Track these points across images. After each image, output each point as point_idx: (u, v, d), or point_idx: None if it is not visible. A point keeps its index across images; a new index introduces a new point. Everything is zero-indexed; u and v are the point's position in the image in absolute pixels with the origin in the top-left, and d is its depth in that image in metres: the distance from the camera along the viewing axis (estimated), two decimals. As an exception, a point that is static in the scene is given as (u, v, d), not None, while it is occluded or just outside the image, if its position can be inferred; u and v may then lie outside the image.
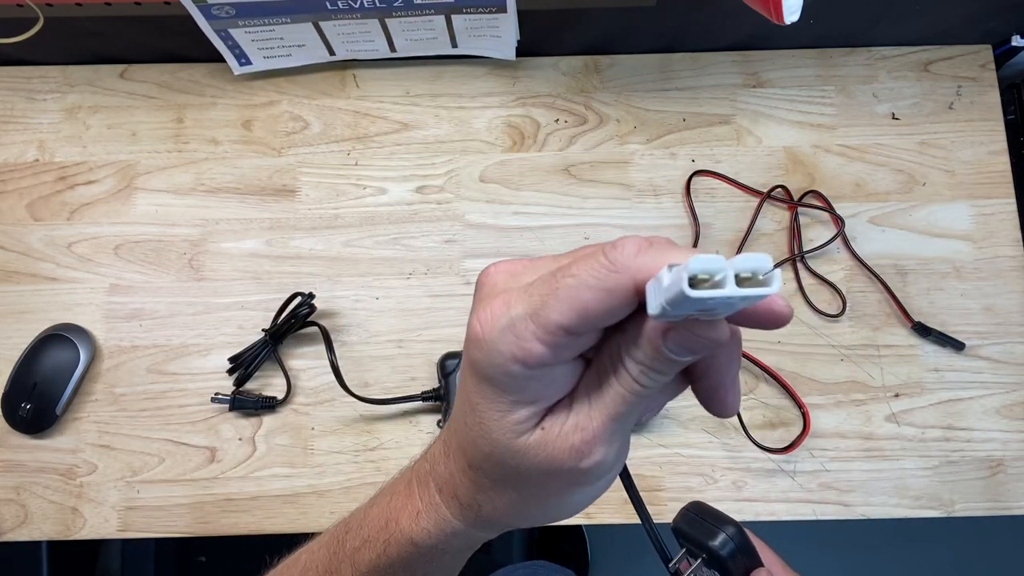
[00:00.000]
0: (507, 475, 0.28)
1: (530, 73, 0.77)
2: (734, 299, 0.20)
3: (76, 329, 0.70)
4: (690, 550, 0.39)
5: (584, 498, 0.29)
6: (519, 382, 0.25)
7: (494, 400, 0.26)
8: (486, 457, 0.28)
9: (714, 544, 0.38)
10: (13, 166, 0.75)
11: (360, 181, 0.74)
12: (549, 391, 0.26)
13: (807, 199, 0.73)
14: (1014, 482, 0.68)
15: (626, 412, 0.26)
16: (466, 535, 0.31)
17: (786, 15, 0.54)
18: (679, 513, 0.40)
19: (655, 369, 0.25)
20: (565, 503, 0.29)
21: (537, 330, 0.24)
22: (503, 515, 0.30)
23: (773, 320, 0.25)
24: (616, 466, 0.28)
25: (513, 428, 0.26)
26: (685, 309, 0.22)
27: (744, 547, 0.39)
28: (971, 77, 0.76)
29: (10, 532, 0.67)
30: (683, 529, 0.40)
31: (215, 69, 0.77)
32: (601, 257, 0.23)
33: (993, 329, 0.71)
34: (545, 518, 0.31)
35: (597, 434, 0.26)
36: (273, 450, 0.68)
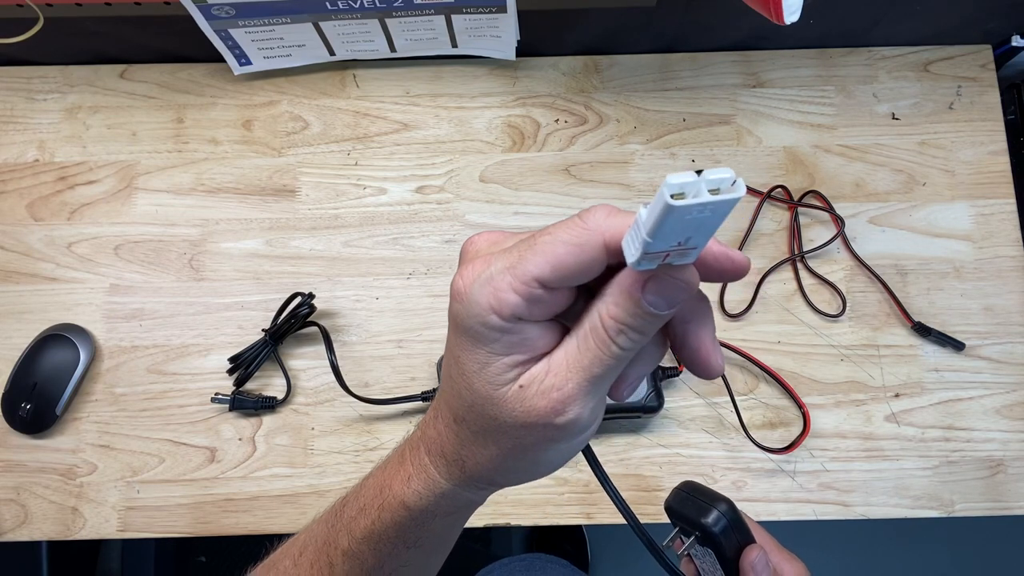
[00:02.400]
0: (488, 427, 0.29)
1: (530, 73, 0.77)
2: (708, 205, 0.22)
3: (76, 329, 0.70)
4: (683, 528, 0.39)
5: (560, 455, 0.31)
6: (495, 333, 0.27)
7: (474, 351, 0.28)
8: (469, 408, 0.29)
9: (707, 521, 0.38)
10: (13, 166, 0.75)
11: (360, 181, 0.74)
12: (525, 347, 0.27)
13: (807, 199, 0.73)
14: (1014, 482, 0.68)
15: (602, 373, 0.27)
16: (453, 496, 0.32)
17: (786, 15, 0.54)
18: (671, 493, 0.40)
19: (632, 326, 0.26)
20: (542, 458, 0.30)
21: (513, 281, 0.26)
22: (486, 469, 0.31)
23: (734, 268, 0.26)
24: (592, 425, 0.30)
25: (493, 379, 0.28)
26: (664, 240, 0.23)
27: (736, 523, 0.39)
28: (971, 77, 0.76)
29: (10, 532, 0.67)
30: (675, 508, 0.39)
31: (215, 69, 0.77)
32: (576, 219, 0.26)
33: (993, 329, 0.71)
34: (526, 474, 0.32)
35: (573, 393, 0.27)
36: (273, 450, 0.68)
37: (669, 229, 0.23)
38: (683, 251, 0.24)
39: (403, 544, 0.34)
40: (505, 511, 0.67)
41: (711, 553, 0.39)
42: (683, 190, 0.22)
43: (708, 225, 0.23)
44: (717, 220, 0.23)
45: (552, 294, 0.26)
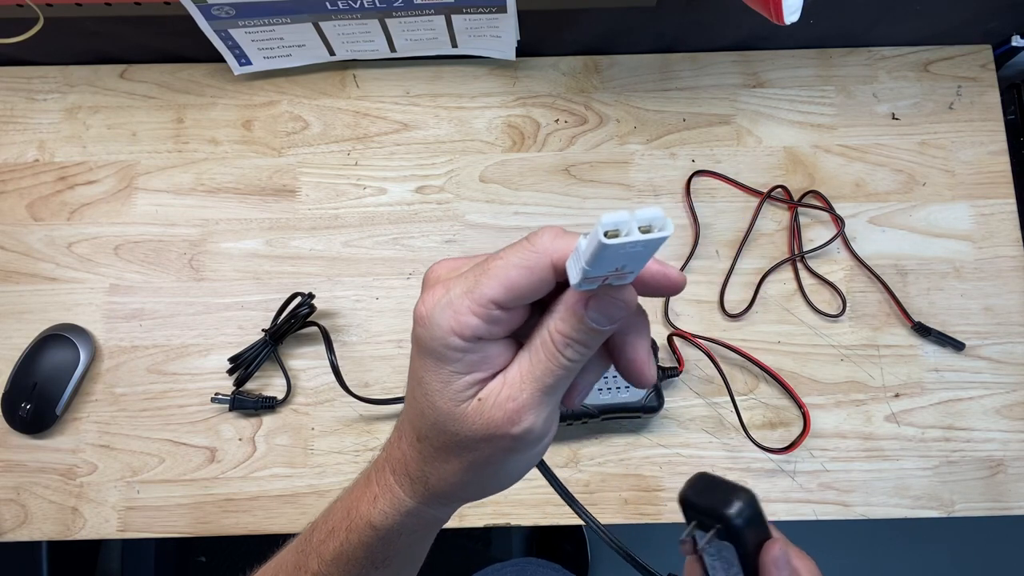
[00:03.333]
0: (450, 442, 0.31)
1: (530, 73, 0.77)
2: (639, 243, 0.24)
3: (76, 329, 0.70)
4: (701, 522, 0.37)
5: (518, 467, 0.32)
6: (457, 353, 0.29)
7: (437, 371, 0.30)
8: (432, 426, 0.31)
9: (731, 512, 0.35)
10: (13, 166, 0.75)
11: (360, 181, 0.74)
12: (485, 364, 0.30)
13: (807, 199, 0.73)
14: (1014, 482, 0.68)
15: (553, 384, 0.29)
16: (418, 513, 0.34)
17: (786, 15, 0.54)
18: (686, 484, 0.37)
19: (578, 340, 0.29)
20: (502, 471, 0.32)
21: (472, 304, 0.28)
22: (448, 484, 0.32)
23: (670, 285, 0.29)
24: (547, 436, 0.31)
25: (454, 396, 0.30)
26: (602, 268, 0.26)
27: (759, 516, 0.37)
28: (971, 77, 0.76)
29: (10, 532, 0.67)
30: (693, 500, 0.37)
31: (215, 69, 0.77)
32: (525, 242, 0.28)
33: (993, 329, 0.71)
34: (486, 488, 0.33)
35: (527, 402, 0.29)
36: (273, 450, 0.68)
37: (604, 260, 0.25)
38: (620, 275, 0.27)
39: (371, 564, 0.35)
40: (505, 511, 0.67)
41: (730, 548, 0.37)
42: (617, 228, 0.24)
43: (641, 257, 0.26)
44: (648, 253, 0.26)
45: (508, 313, 0.29)
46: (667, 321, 0.71)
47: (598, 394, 0.64)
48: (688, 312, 0.71)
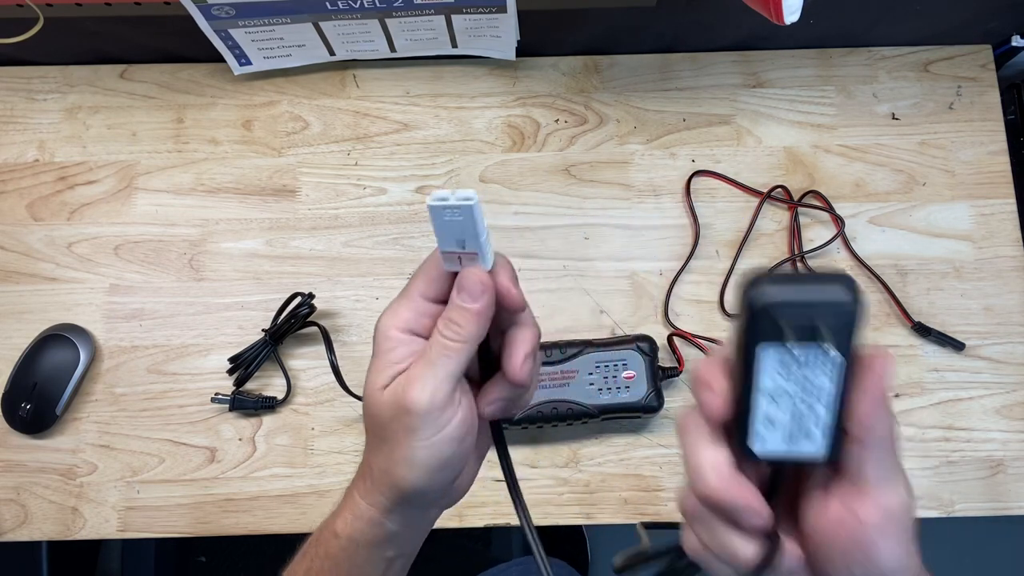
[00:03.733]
0: (378, 428, 0.35)
1: (530, 73, 0.77)
2: (455, 209, 0.31)
3: (76, 329, 0.70)
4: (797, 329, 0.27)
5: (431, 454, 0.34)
6: (392, 343, 0.35)
7: (376, 363, 0.35)
8: (367, 415, 0.36)
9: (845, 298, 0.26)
10: (13, 166, 0.75)
11: (360, 181, 0.74)
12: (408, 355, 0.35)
13: (807, 199, 0.73)
14: (1014, 482, 0.68)
15: (434, 359, 0.34)
16: (372, 521, 0.37)
17: (786, 15, 0.54)
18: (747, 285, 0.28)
19: (452, 319, 0.34)
20: (417, 452, 0.34)
21: (404, 301, 0.35)
22: (383, 474, 0.35)
23: (510, 300, 0.34)
24: (440, 416, 0.34)
25: (381, 385, 0.35)
26: (447, 242, 0.33)
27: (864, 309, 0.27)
28: (971, 77, 0.76)
29: (10, 532, 0.67)
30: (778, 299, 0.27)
31: (215, 69, 0.77)
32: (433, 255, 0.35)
33: (993, 329, 0.71)
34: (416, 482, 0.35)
35: (415, 375, 0.34)
36: (273, 450, 0.68)
37: (442, 229, 0.32)
38: (470, 256, 0.33)
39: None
40: (505, 511, 0.67)
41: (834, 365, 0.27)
42: (441, 198, 0.31)
43: (468, 228, 0.32)
44: (469, 224, 0.32)
45: (435, 307, 0.35)
46: (667, 321, 0.71)
47: (598, 394, 0.64)
48: (688, 312, 0.71)
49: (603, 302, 0.71)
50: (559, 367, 0.65)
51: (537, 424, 0.64)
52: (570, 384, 0.64)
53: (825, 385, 0.28)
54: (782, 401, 0.29)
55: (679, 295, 0.72)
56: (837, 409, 0.28)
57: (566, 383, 0.64)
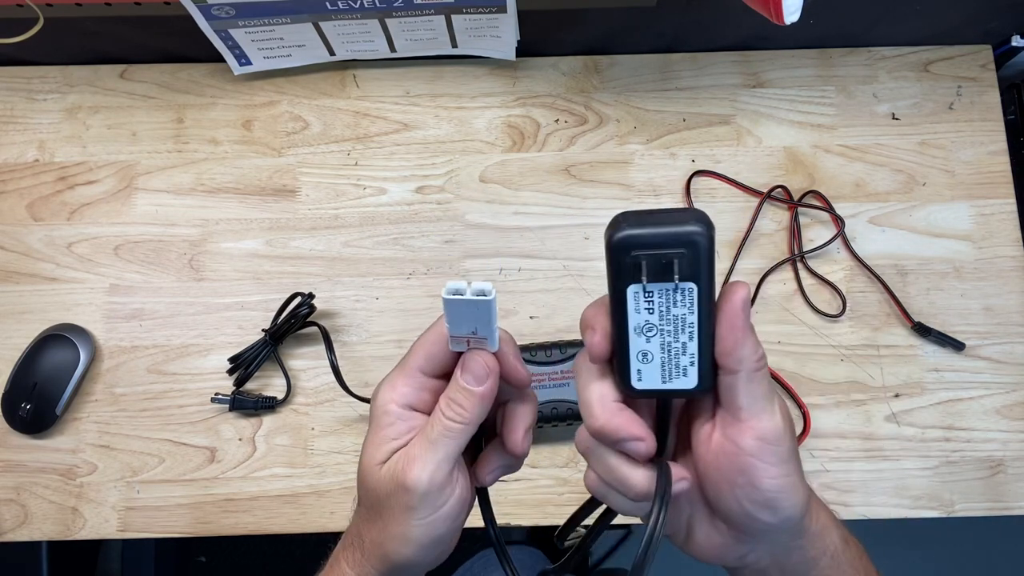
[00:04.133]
0: (374, 502, 0.35)
1: (530, 73, 0.77)
2: (472, 303, 0.31)
3: (76, 329, 0.70)
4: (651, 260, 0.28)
5: (426, 531, 0.35)
6: (391, 418, 0.35)
7: (373, 436, 0.35)
8: (363, 487, 0.36)
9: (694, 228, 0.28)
10: (13, 166, 0.75)
11: (360, 181, 0.74)
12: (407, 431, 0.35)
13: (807, 199, 0.73)
14: (1014, 482, 0.68)
15: (435, 439, 0.34)
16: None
17: (786, 15, 0.54)
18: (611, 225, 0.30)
19: (455, 400, 0.34)
20: (412, 533, 0.35)
21: (402, 376, 0.36)
22: (375, 545, 0.36)
23: (516, 377, 0.35)
24: (439, 496, 0.34)
25: (380, 458, 0.35)
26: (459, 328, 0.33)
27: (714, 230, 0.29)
28: (971, 77, 0.76)
29: (10, 532, 0.67)
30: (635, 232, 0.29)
31: (215, 69, 0.77)
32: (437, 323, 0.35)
33: (993, 329, 0.71)
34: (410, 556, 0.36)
35: (414, 455, 0.34)
36: (273, 450, 0.68)
37: (455, 318, 0.32)
38: (479, 340, 0.33)
39: None
40: (505, 511, 0.67)
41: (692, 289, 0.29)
42: (457, 291, 0.31)
43: (482, 318, 0.32)
44: (485, 314, 0.32)
45: (434, 382, 0.36)
46: (667, 321, 0.71)
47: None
48: (688, 312, 0.71)
49: (603, 302, 0.71)
50: (559, 367, 0.65)
51: (537, 424, 0.64)
52: (570, 384, 0.64)
53: (688, 318, 0.30)
54: (653, 337, 0.30)
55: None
56: (703, 341, 0.30)
57: (566, 383, 0.64)
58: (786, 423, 0.31)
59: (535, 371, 0.64)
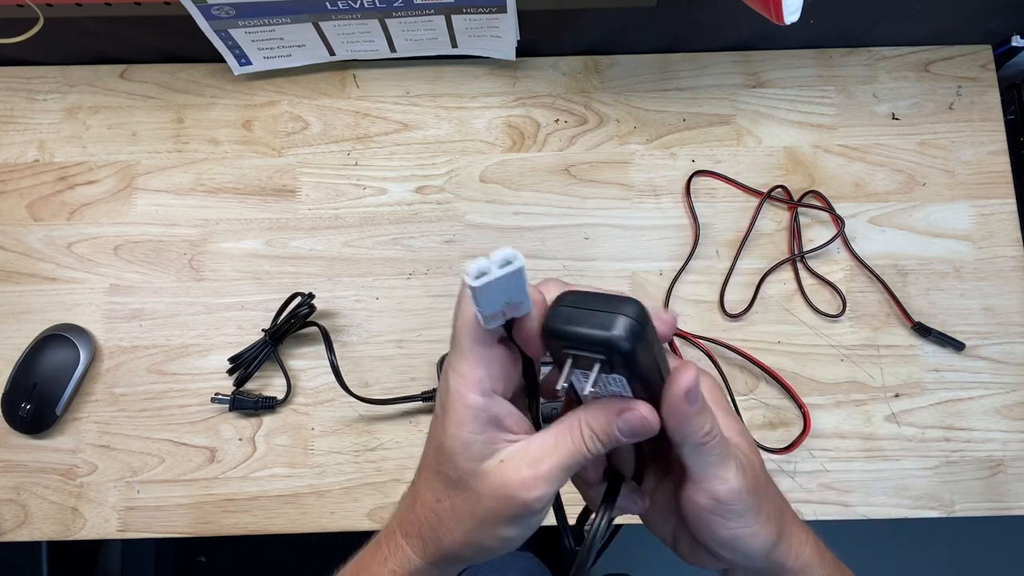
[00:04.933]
0: (465, 502, 0.33)
1: (530, 73, 0.77)
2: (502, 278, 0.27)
3: (76, 329, 0.70)
4: (577, 358, 0.30)
5: (518, 533, 0.34)
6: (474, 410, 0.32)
7: (457, 433, 0.32)
8: (454, 485, 0.33)
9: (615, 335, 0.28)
10: (13, 166, 0.75)
11: (360, 181, 0.74)
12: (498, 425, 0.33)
13: (807, 199, 0.73)
14: (1014, 482, 0.68)
15: (571, 465, 0.32)
16: (426, 573, 0.36)
17: (786, 15, 0.54)
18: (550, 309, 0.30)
19: (601, 440, 0.32)
20: (507, 536, 0.34)
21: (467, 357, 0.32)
22: (458, 544, 0.34)
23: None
24: (544, 512, 0.33)
25: (476, 455, 0.32)
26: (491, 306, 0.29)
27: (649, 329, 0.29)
28: (971, 77, 0.76)
29: (10, 532, 0.67)
30: (561, 329, 0.29)
31: (215, 69, 0.77)
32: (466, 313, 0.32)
33: (993, 329, 0.71)
34: (488, 553, 0.35)
35: (545, 473, 0.32)
36: (273, 450, 0.68)
37: (485, 300, 0.29)
38: (515, 306, 0.30)
39: None
40: (505, 511, 0.67)
41: (620, 381, 0.30)
42: (481, 271, 0.27)
43: (516, 287, 0.29)
44: (518, 282, 0.28)
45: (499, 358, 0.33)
46: (667, 321, 0.71)
47: (598, 394, 0.64)
48: (688, 312, 0.71)
49: (603, 302, 0.71)
50: (559, 367, 0.65)
51: (537, 424, 0.64)
52: (570, 384, 0.64)
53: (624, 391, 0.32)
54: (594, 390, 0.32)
55: (679, 295, 0.72)
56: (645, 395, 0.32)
57: (566, 383, 0.64)
58: (745, 481, 0.33)
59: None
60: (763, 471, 0.36)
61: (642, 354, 0.29)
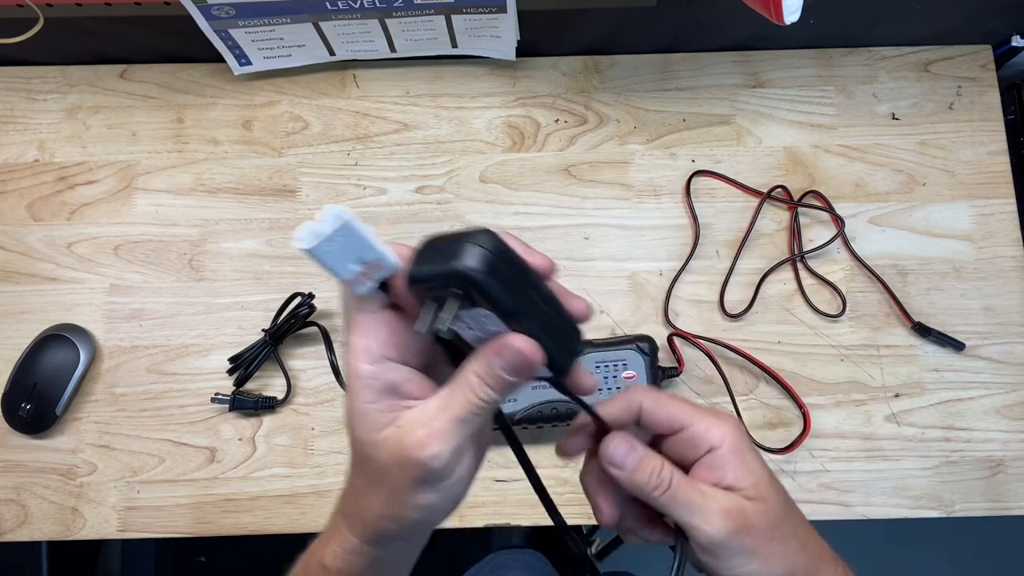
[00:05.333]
0: (373, 472, 0.32)
1: (530, 73, 0.77)
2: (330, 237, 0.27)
3: (76, 329, 0.70)
4: (438, 297, 0.29)
5: (434, 499, 0.33)
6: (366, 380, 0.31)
7: (354, 403, 0.32)
8: (360, 458, 0.33)
9: (463, 265, 0.27)
10: (13, 166, 0.75)
11: (360, 181, 0.74)
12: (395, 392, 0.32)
13: (807, 199, 0.73)
14: (1014, 482, 0.68)
15: (464, 417, 0.31)
16: (363, 552, 0.35)
17: (786, 15, 0.54)
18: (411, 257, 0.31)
19: (490, 384, 0.31)
20: (423, 504, 0.32)
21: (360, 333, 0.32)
22: (380, 518, 0.33)
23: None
24: (454, 473, 0.32)
25: (372, 424, 0.31)
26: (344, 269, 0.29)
27: (507, 256, 0.28)
28: (971, 77, 0.76)
29: (10, 532, 0.67)
30: (418, 272, 0.29)
31: (215, 69, 0.77)
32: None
33: (993, 329, 0.71)
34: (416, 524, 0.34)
35: (438, 431, 0.31)
36: (273, 450, 0.68)
37: (334, 262, 0.28)
38: (375, 265, 0.29)
39: None
40: (505, 511, 0.67)
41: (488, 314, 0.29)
42: (316, 234, 0.27)
43: (360, 245, 0.28)
44: (354, 238, 0.28)
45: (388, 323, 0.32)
46: (667, 321, 0.71)
47: (599, 395, 0.64)
48: (688, 312, 0.71)
49: (603, 302, 0.71)
50: (559, 367, 0.65)
51: (537, 424, 0.64)
52: (570, 384, 0.64)
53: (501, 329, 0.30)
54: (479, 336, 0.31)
55: (679, 295, 0.72)
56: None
57: (566, 383, 0.64)
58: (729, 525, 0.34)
59: (535, 371, 0.64)
60: (776, 509, 0.36)
61: (501, 283, 0.27)
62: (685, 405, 0.37)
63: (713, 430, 0.36)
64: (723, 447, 0.36)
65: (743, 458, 0.36)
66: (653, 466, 0.35)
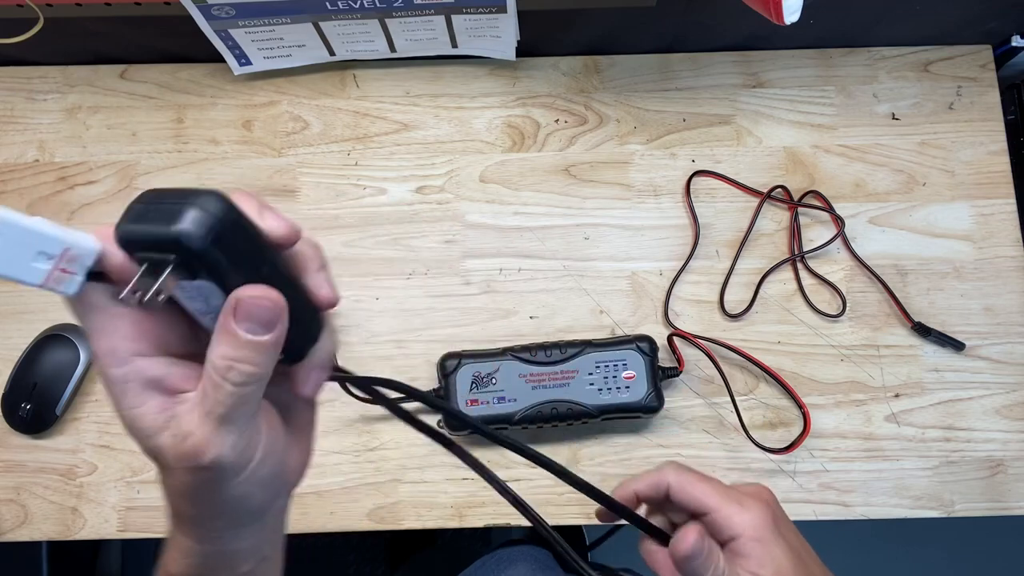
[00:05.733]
0: (171, 477, 0.29)
1: (530, 73, 0.77)
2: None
3: (76, 329, 0.70)
4: (153, 262, 0.25)
5: (249, 489, 0.30)
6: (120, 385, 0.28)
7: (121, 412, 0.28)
8: (156, 463, 0.30)
9: (183, 229, 0.23)
10: (13, 166, 0.75)
11: (360, 181, 0.74)
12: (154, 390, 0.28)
13: (807, 199, 0.73)
14: (1014, 482, 0.68)
15: (225, 413, 0.27)
16: (202, 553, 0.33)
17: (786, 15, 0.54)
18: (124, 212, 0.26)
19: (240, 359, 0.26)
20: (238, 495, 0.30)
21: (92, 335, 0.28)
22: (196, 517, 0.31)
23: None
24: (253, 459, 0.29)
25: (146, 431, 0.28)
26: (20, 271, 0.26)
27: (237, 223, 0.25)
28: (971, 77, 0.76)
29: (10, 532, 0.67)
30: (128, 230, 0.25)
31: (215, 69, 0.77)
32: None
33: (993, 329, 0.71)
34: (247, 515, 0.32)
35: (205, 437, 0.27)
36: (273, 450, 0.68)
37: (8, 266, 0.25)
38: (66, 257, 0.25)
39: None
40: (505, 511, 0.67)
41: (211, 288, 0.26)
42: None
43: (26, 237, 0.25)
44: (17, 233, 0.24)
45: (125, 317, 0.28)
46: (667, 321, 0.71)
47: (598, 394, 0.64)
48: (688, 312, 0.71)
49: (603, 302, 0.71)
50: (559, 367, 0.65)
51: (537, 424, 0.64)
52: (570, 384, 0.64)
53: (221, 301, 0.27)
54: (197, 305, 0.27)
55: (679, 295, 0.72)
56: None
57: (566, 383, 0.64)
58: None
59: (536, 371, 0.64)
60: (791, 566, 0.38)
61: (226, 255, 0.24)
62: (710, 488, 0.39)
63: (735, 519, 0.38)
64: (744, 536, 0.37)
65: (765, 547, 0.37)
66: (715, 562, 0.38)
